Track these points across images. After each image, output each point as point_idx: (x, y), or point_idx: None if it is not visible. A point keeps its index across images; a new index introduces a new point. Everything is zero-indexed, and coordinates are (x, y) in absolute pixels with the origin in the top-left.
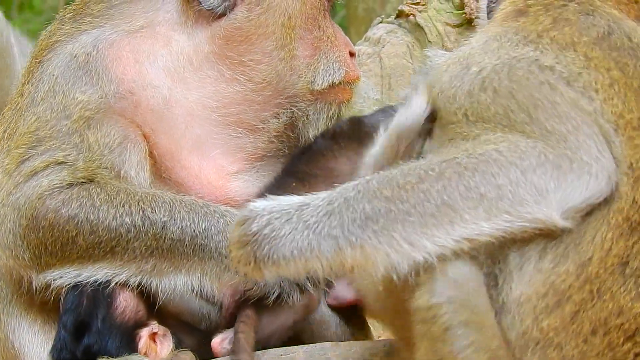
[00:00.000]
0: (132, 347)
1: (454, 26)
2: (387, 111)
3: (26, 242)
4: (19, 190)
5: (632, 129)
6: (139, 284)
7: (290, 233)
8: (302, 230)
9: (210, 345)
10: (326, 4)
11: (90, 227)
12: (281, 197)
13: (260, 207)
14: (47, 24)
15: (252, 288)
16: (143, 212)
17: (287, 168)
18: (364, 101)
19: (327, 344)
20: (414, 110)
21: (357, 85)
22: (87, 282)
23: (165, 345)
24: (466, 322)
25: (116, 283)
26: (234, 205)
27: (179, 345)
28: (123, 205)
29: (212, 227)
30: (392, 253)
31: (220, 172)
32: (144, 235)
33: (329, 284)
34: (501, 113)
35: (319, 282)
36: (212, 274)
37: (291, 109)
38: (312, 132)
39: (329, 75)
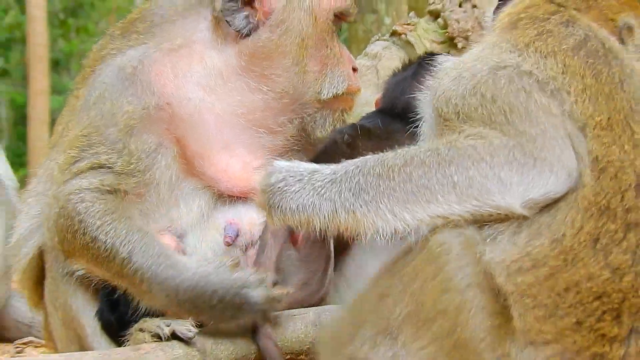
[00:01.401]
0: None
1: (439, 43)
2: (372, 117)
3: (57, 229)
4: (64, 185)
5: (601, 129)
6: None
7: (299, 191)
8: (309, 190)
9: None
10: (333, 27)
11: (83, 230)
12: (301, 162)
13: (281, 166)
14: None
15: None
16: (110, 234)
17: None
18: (364, 105)
19: (334, 306)
20: None
21: (358, 96)
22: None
23: None
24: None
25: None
26: (246, 194)
27: None
28: (109, 224)
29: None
30: (377, 220)
31: (246, 167)
32: (111, 259)
33: None
34: (485, 114)
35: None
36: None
37: (302, 115)
38: (318, 134)
39: (334, 87)
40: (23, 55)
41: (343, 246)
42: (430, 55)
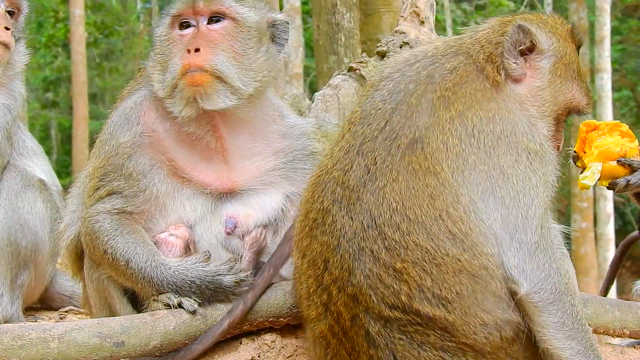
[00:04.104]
0: None
1: None
2: None
3: (85, 244)
4: (88, 209)
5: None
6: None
7: None
8: None
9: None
10: (177, 33)
11: (97, 244)
12: None
13: None
14: (126, 82)
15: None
16: (114, 246)
17: None
18: (328, 125)
19: (284, 282)
20: None
21: (194, 68)
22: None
23: None
24: None
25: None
26: (235, 190)
27: None
28: (114, 237)
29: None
30: None
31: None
32: (111, 264)
33: None
34: None
35: None
36: (145, 294)
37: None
38: (176, 110)
39: (169, 79)
40: (68, 91)
41: None
42: None
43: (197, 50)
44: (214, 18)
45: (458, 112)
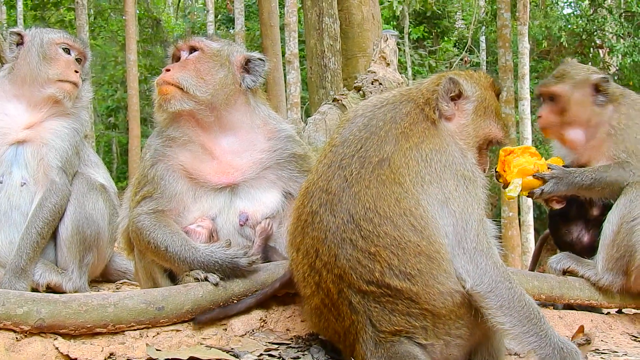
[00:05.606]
0: None
1: None
2: None
3: (132, 238)
4: (132, 211)
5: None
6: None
7: None
8: None
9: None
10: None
11: (141, 238)
12: None
13: None
14: None
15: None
16: (155, 237)
17: None
18: (318, 142)
19: (283, 262)
20: None
21: (160, 87)
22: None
23: None
24: None
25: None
26: (235, 182)
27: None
28: (154, 231)
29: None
30: None
31: (220, 166)
32: (153, 251)
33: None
34: None
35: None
36: (180, 271)
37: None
38: (156, 117)
39: (153, 101)
40: (125, 116)
41: None
42: None
43: (168, 70)
44: (192, 50)
45: (415, 143)
